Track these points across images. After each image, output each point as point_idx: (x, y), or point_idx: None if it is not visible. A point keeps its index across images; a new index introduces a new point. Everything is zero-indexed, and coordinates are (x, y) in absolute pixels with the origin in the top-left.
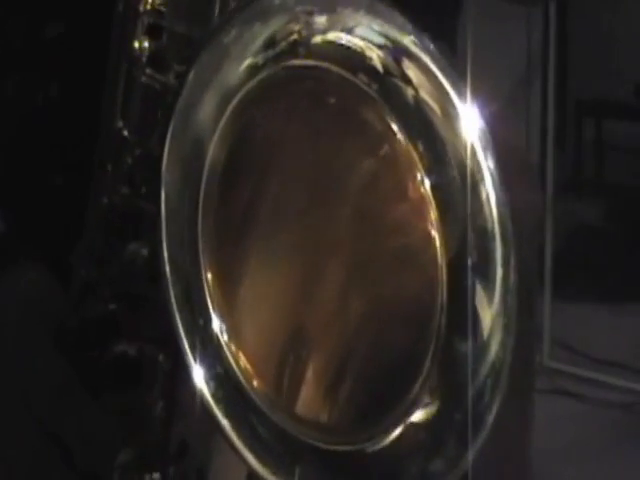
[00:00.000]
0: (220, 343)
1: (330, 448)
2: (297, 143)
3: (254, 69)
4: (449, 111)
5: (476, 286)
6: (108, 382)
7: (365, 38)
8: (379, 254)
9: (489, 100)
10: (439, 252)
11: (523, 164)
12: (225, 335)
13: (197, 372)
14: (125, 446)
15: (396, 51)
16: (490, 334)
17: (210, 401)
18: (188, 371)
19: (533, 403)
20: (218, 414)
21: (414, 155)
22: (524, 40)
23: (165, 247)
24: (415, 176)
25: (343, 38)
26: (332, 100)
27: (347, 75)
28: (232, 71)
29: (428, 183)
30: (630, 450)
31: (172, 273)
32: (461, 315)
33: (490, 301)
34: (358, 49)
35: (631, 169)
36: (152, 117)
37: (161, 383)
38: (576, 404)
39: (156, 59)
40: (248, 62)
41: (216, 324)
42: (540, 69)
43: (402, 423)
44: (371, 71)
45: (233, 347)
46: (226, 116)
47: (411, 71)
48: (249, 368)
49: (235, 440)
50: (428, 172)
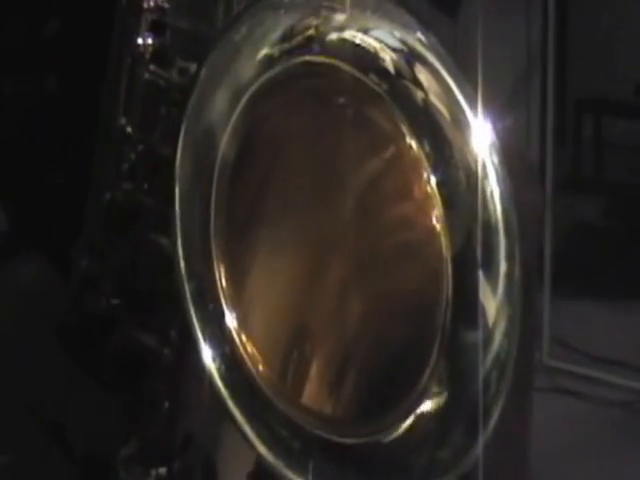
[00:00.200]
0: (231, 334)
1: (337, 440)
2: (305, 139)
3: (269, 61)
4: (457, 114)
5: (480, 279)
6: (111, 376)
7: (381, 40)
8: (385, 249)
9: (492, 99)
10: (444, 246)
11: (523, 161)
12: (235, 325)
13: (206, 353)
14: (129, 440)
15: (410, 56)
16: (495, 325)
17: (222, 389)
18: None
19: (532, 401)
20: (230, 403)
21: (421, 154)
22: (523, 37)
23: (179, 243)
24: (421, 174)
25: (358, 37)
26: (341, 98)
27: (358, 74)
28: (245, 65)
29: (434, 180)
30: (629, 448)
31: (186, 269)
32: (466, 307)
33: (494, 293)
34: (372, 49)
35: (630, 166)
36: (155, 113)
37: (165, 377)
38: (575, 402)
39: (159, 55)
40: (264, 52)
41: (228, 316)
42: (540, 66)
43: (412, 414)
44: (382, 72)
45: (244, 337)
46: (238, 111)
47: (422, 75)
48: (258, 357)
49: (247, 430)
50: (434, 170)
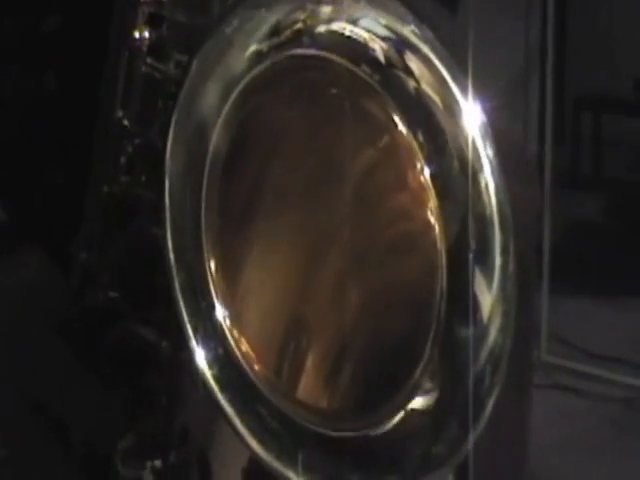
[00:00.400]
0: (223, 329)
1: (332, 434)
2: (299, 132)
3: (258, 56)
4: (450, 103)
5: (475, 272)
6: (110, 370)
7: (369, 30)
8: (379, 241)
9: (489, 94)
10: (439, 238)
11: (521, 158)
12: (228, 321)
13: (199, 354)
14: (127, 432)
15: (399, 43)
16: (489, 319)
17: (212, 383)
18: (190, 356)
19: (531, 398)
20: (220, 397)
21: (414, 145)
22: (522, 35)
23: (169, 236)
24: (415, 165)
25: (347, 29)
26: (334, 89)
27: (349, 66)
28: (236, 59)
29: (428, 172)
30: (628, 445)
31: (176, 261)
32: (460, 300)
33: (489, 287)
34: (361, 40)
35: (629, 164)
36: (152, 106)
37: (163, 370)
38: (574, 399)
39: (156, 48)
40: (253, 49)
41: (219, 310)
42: (539, 64)
43: (404, 408)
44: (374, 62)
45: (236, 332)
46: (229, 104)
47: (413, 63)
48: (251, 353)
49: (238, 424)
50: (428, 161)
